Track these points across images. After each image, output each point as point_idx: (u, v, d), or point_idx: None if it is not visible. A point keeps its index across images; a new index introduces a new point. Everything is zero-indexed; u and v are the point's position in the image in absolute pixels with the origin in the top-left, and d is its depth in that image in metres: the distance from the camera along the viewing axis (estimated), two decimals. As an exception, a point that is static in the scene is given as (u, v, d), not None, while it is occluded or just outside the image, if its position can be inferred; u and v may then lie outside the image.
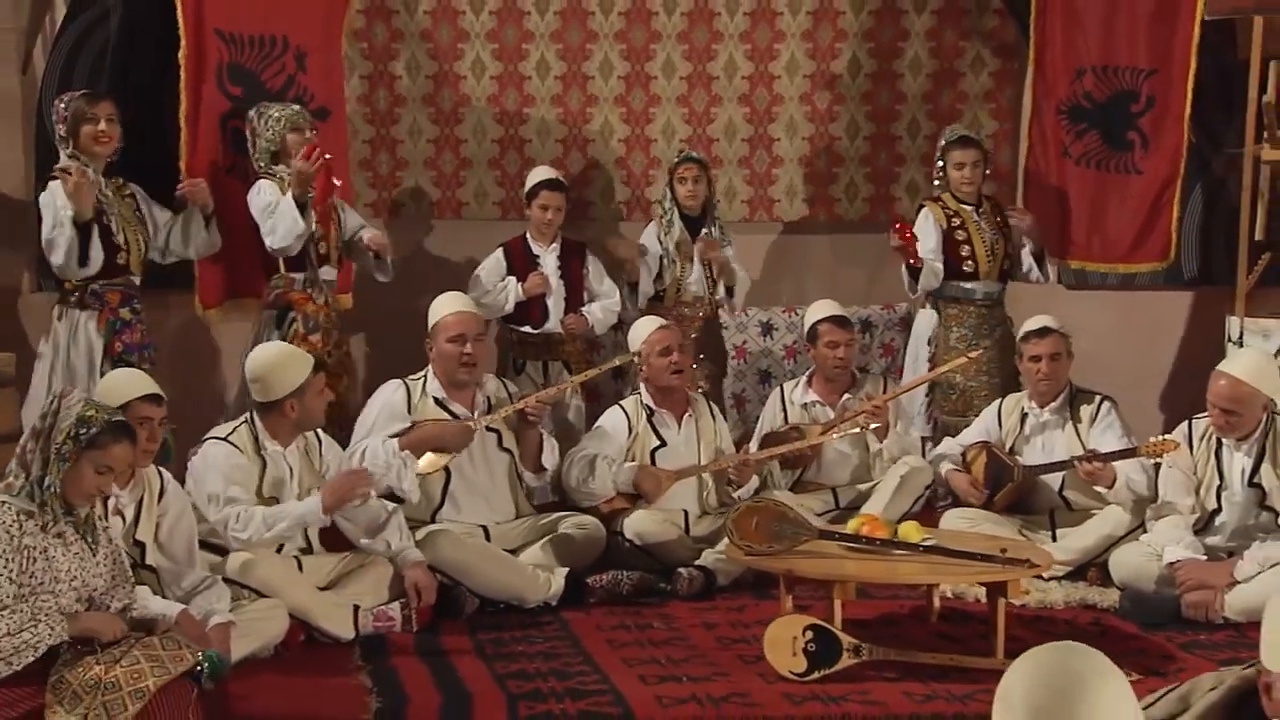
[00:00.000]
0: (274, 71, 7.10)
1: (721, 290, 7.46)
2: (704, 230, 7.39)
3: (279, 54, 7.11)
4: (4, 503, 4.07)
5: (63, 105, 6.22)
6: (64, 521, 4.15)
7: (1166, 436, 5.85)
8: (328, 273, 6.78)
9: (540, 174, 7.35)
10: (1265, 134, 6.46)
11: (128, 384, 4.99)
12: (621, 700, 4.50)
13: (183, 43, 6.79)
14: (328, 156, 6.47)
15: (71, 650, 4.05)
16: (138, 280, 6.39)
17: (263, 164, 6.66)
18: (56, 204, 6.06)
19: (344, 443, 5.92)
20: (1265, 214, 6.55)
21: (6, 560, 3.96)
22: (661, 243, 7.39)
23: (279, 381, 5.31)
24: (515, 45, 8.20)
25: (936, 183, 7.46)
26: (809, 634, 4.76)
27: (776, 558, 5.09)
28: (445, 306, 6.10)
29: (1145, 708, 2.63)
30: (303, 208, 6.41)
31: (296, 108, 6.81)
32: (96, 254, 6.09)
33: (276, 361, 5.44)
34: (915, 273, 7.15)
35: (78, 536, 4.20)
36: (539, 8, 8.17)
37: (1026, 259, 7.32)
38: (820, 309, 6.85)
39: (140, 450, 4.83)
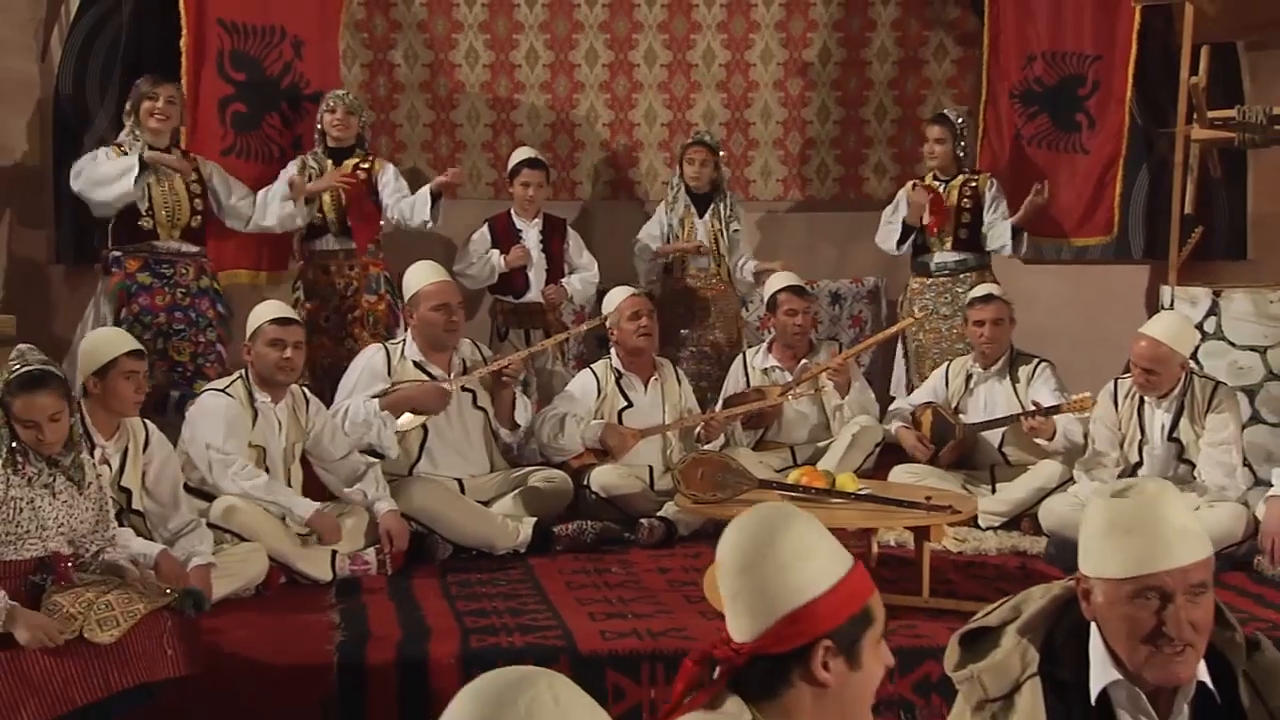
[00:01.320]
0: (273, 59, 7.13)
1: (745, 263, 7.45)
2: (711, 206, 7.37)
3: (277, 42, 7.15)
4: (-14, 464, 4.14)
5: (145, 84, 6.34)
6: (48, 473, 4.20)
7: (1085, 394, 5.87)
8: (328, 242, 6.85)
9: (521, 154, 7.35)
10: (1195, 115, 6.41)
11: (115, 340, 5.00)
12: (568, 634, 4.54)
13: (184, 31, 6.83)
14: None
15: (58, 585, 4.14)
16: (188, 248, 6.42)
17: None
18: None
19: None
20: (1195, 189, 6.51)
21: None
22: (667, 219, 7.39)
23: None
24: (506, 35, 8.22)
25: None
26: (745, 575, 4.79)
27: (719, 505, 5.12)
28: (425, 276, 6.07)
29: (984, 616, 2.66)
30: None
31: (343, 92, 6.96)
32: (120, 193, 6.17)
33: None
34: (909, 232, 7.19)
35: (67, 483, 4.26)
36: (528, 1, 8.20)
37: (1003, 232, 7.13)
38: (779, 280, 6.84)
39: (130, 401, 4.92)
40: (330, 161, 6.89)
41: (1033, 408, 6.03)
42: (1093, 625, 2.50)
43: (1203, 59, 6.48)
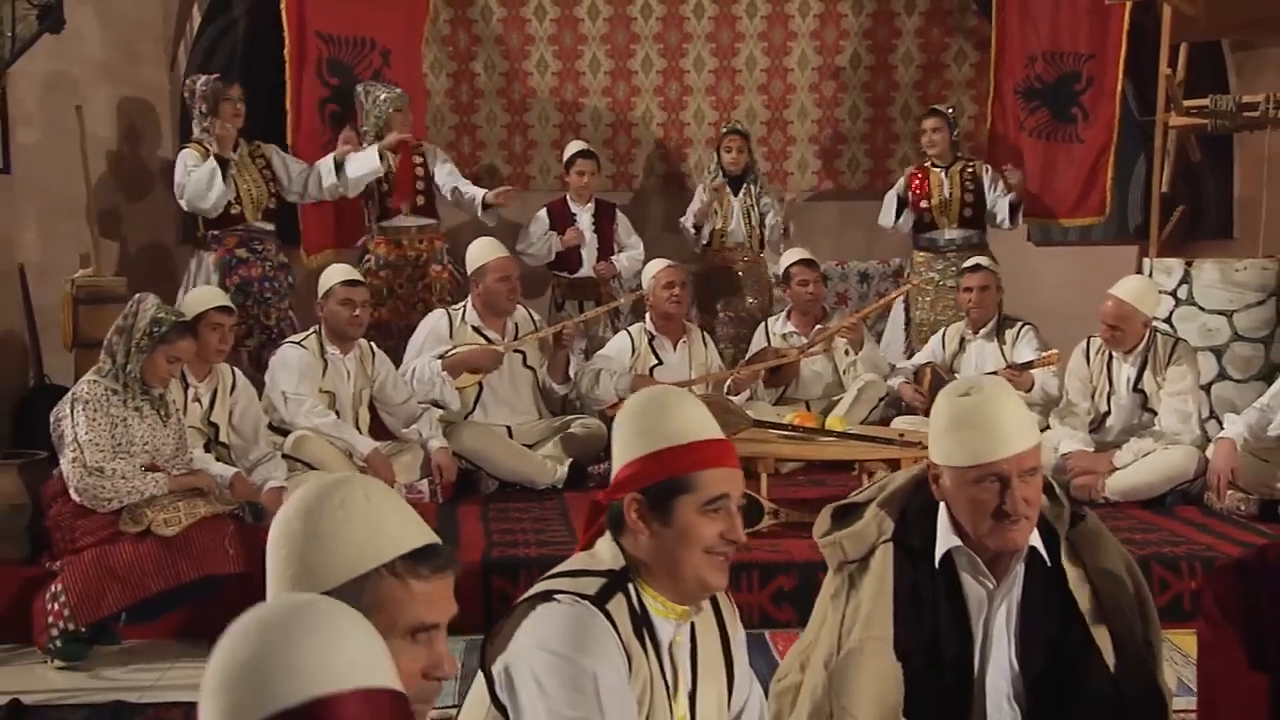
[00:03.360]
0: (364, 66, 7.32)
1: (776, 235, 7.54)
2: (744, 186, 7.46)
3: (368, 51, 7.34)
4: (95, 382, 4.46)
5: (200, 85, 6.39)
6: (140, 399, 4.51)
7: (1054, 350, 5.91)
8: (401, 219, 6.99)
9: (575, 146, 7.50)
10: (1171, 104, 6.40)
11: (206, 297, 5.29)
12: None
13: (286, 42, 7.02)
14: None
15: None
16: (268, 227, 6.55)
17: (369, 133, 6.85)
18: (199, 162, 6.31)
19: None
20: (1172, 171, 6.49)
21: (100, 422, 4.36)
22: (705, 198, 7.44)
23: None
24: (572, 46, 8.40)
25: None
26: (738, 500, 4.93)
27: (720, 442, 5.25)
28: (489, 252, 6.22)
29: (855, 494, 2.78)
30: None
31: (399, 91, 6.98)
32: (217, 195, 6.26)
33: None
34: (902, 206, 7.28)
35: (152, 411, 4.57)
36: (591, 15, 8.36)
37: (1003, 208, 7.16)
38: (790, 255, 6.92)
39: (214, 349, 5.20)
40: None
41: (1011, 363, 6.08)
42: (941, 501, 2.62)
43: (1181, 54, 6.49)
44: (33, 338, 6.55)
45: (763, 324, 6.99)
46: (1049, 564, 2.60)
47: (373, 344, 5.95)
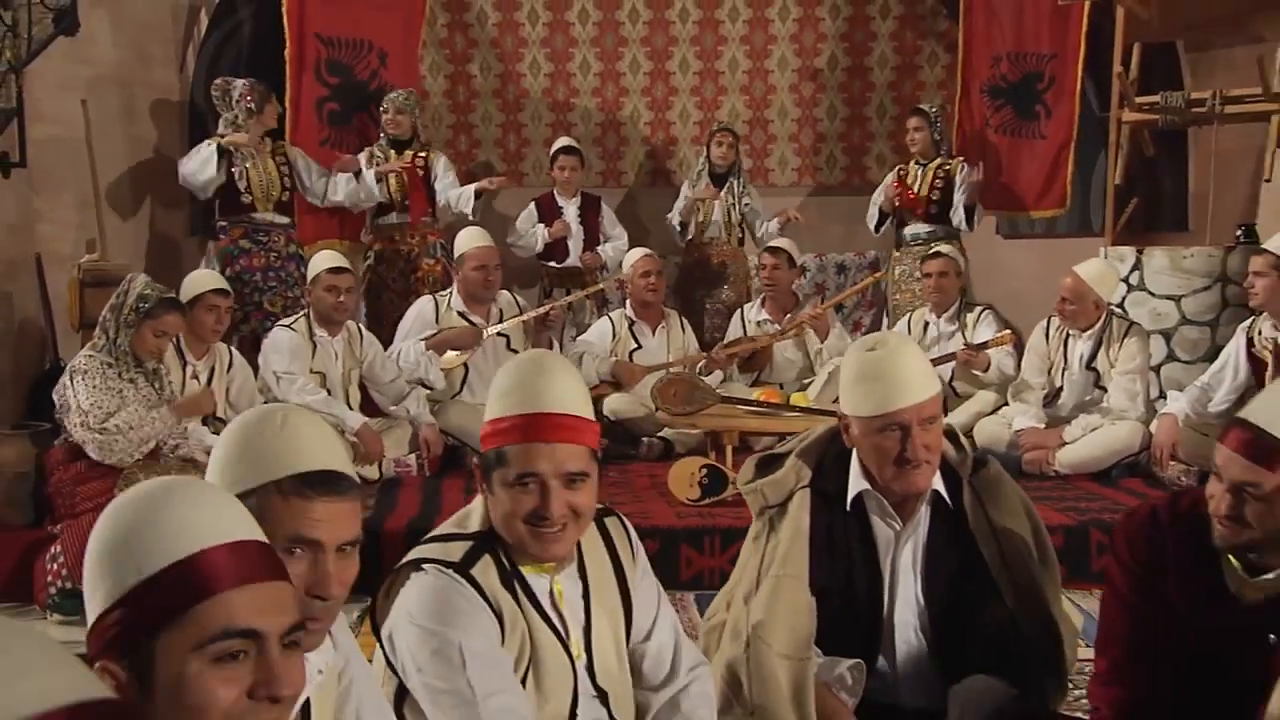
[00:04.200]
0: (362, 67, 7.40)
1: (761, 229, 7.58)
2: (728, 183, 7.52)
3: (365, 53, 7.41)
4: (91, 356, 4.57)
5: (243, 85, 6.54)
6: (134, 371, 4.62)
7: (1006, 332, 5.98)
8: (394, 218, 7.11)
9: (560, 143, 7.58)
10: (1125, 101, 6.45)
11: (203, 279, 5.40)
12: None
13: (287, 44, 7.11)
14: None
15: (139, 464, 4.55)
16: (279, 219, 6.65)
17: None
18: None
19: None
20: (1125, 164, 6.53)
21: (99, 387, 4.47)
22: (686, 197, 7.54)
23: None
24: (563, 49, 8.50)
25: None
26: (703, 471, 5.02)
27: (689, 415, 5.36)
28: (470, 241, 6.28)
29: (778, 445, 2.86)
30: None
31: (407, 92, 7.16)
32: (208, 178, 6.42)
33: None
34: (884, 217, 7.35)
35: (146, 384, 4.67)
36: (581, 20, 8.46)
37: (958, 211, 7.19)
38: (765, 243, 7.03)
39: (210, 329, 5.31)
40: (393, 151, 7.12)
41: (968, 344, 6.15)
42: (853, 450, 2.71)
43: (1134, 53, 6.51)
44: (48, 322, 6.65)
45: (738, 311, 7.06)
46: (951, 506, 2.68)
47: (361, 326, 6.04)
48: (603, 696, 2.31)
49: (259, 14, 7.55)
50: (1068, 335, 5.80)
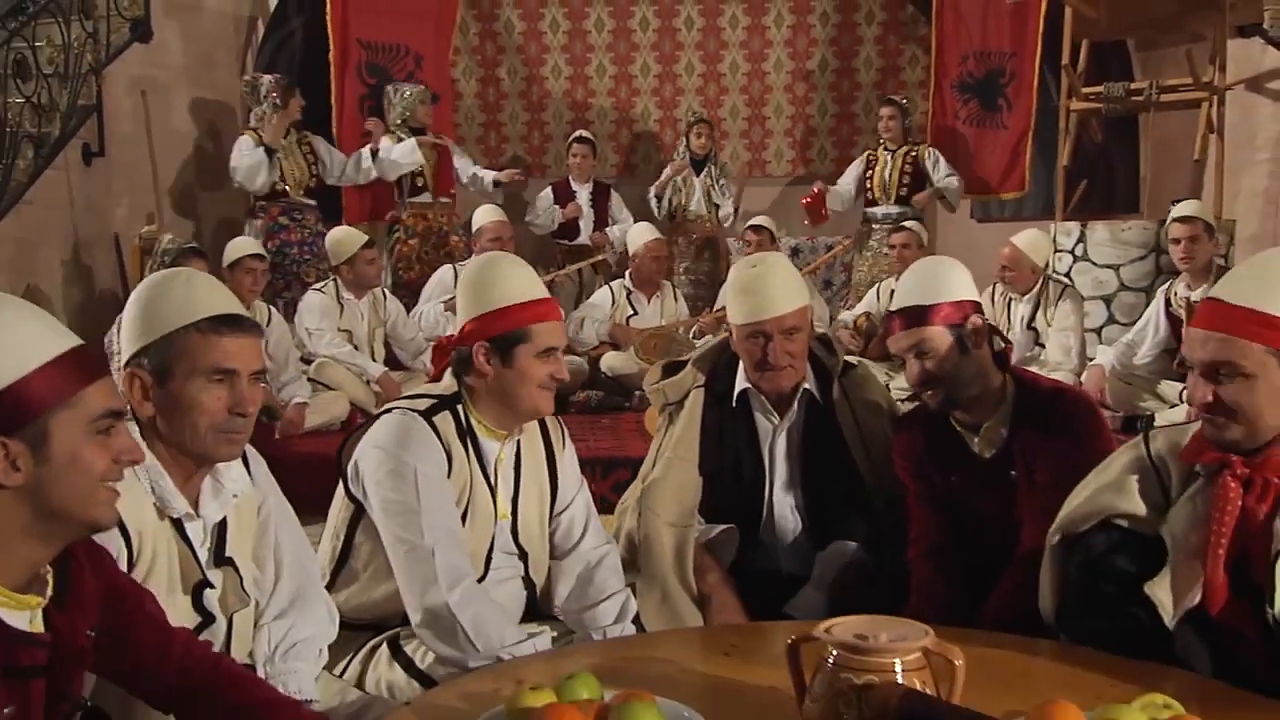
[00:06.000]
0: (399, 68, 7.65)
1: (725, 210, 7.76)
2: (706, 168, 7.71)
3: (403, 56, 7.66)
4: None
5: (269, 81, 6.70)
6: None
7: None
8: (426, 197, 7.27)
9: (576, 134, 7.82)
10: (1072, 92, 6.55)
11: (243, 245, 5.67)
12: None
13: (331, 48, 7.39)
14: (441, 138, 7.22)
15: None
16: (309, 202, 6.86)
17: (396, 125, 7.16)
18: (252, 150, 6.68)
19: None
20: (1072, 148, 6.64)
21: None
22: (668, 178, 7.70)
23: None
24: (581, 55, 8.68)
25: None
26: (673, 412, 5.18)
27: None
28: (486, 216, 6.51)
29: (687, 356, 3.04)
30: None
31: (422, 87, 7.29)
32: (263, 180, 6.66)
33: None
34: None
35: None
36: (597, 28, 8.65)
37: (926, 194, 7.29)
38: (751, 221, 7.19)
39: (248, 289, 5.55)
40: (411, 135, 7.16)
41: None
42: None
43: (1083, 49, 6.64)
44: (124, 292, 6.94)
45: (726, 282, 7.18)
46: (822, 403, 2.86)
47: (385, 290, 6.27)
48: (523, 556, 2.49)
49: (308, 24, 7.81)
50: (1010, 299, 5.92)
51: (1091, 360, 5.80)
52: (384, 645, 2.36)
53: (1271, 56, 6.63)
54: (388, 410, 2.41)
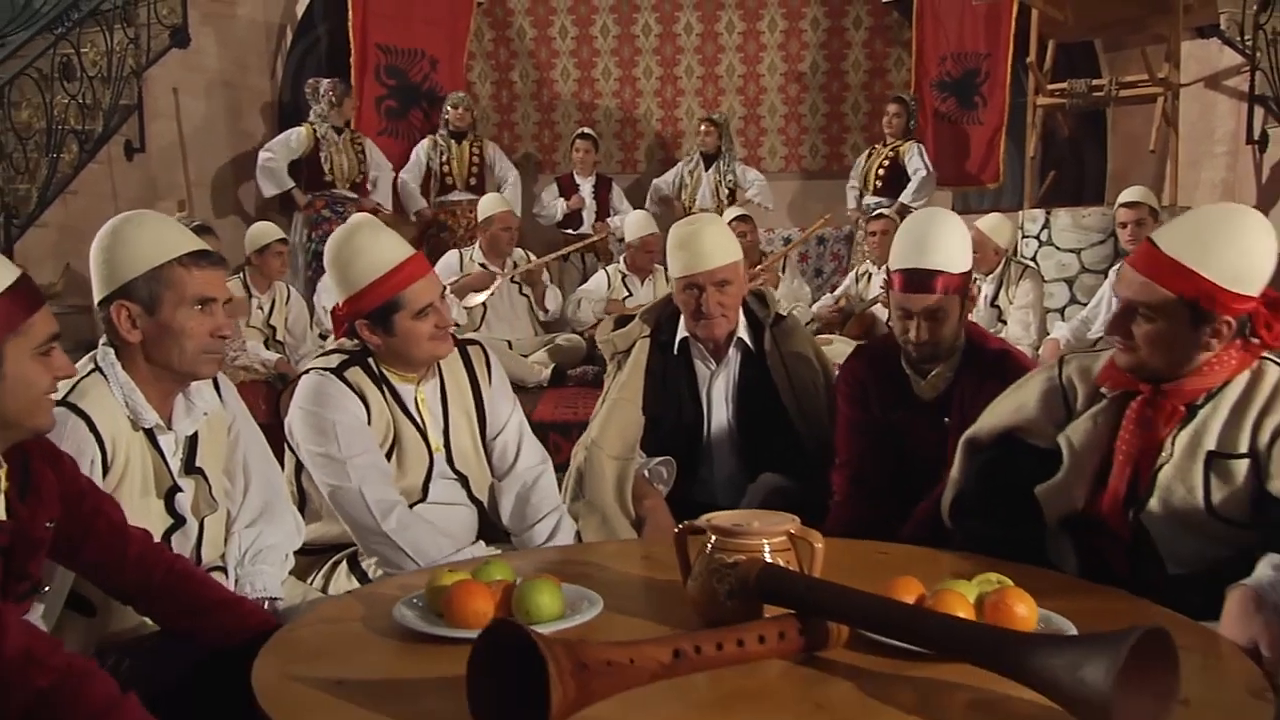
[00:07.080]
0: (415, 71, 7.81)
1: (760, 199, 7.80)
2: (715, 164, 7.81)
3: (419, 60, 7.82)
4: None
5: (328, 84, 7.00)
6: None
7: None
8: (456, 195, 7.46)
9: (579, 130, 7.94)
10: (1039, 89, 6.63)
11: (268, 231, 5.78)
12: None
13: (352, 52, 7.57)
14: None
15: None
16: (352, 195, 7.04)
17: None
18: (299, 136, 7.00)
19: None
20: (1038, 141, 6.71)
21: None
22: (682, 170, 7.86)
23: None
24: (588, 59, 8.79)
25: None
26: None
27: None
28: (494, 206, 6.53)
29: (635, 310, 3.18)
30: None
31: (461, 94, 7.57)
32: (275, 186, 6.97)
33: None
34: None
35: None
36: (603, 34, 8.76)
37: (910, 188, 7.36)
38: (731, 212, 7.25)
39: (275, 270, 5.72)
40: (453, 141, 7.48)
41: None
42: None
43: (1049, 49, 6.70)
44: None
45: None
46: (755, 351, 2.99)
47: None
48: (462, 480, 2.62)
49: (333, 30, 7.97)
50: (975, 278, 5.99)
51: (1048, 336, 5.88)
52: (344, 561, 2.51)
53: (1228, 56, 6.69)
54: (307, 371, 2.52)
